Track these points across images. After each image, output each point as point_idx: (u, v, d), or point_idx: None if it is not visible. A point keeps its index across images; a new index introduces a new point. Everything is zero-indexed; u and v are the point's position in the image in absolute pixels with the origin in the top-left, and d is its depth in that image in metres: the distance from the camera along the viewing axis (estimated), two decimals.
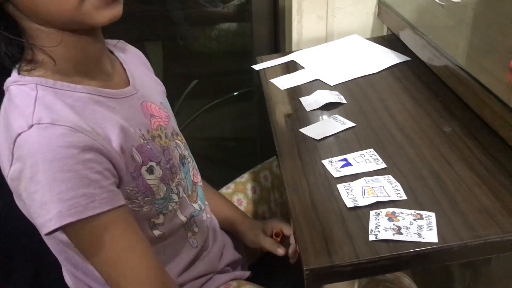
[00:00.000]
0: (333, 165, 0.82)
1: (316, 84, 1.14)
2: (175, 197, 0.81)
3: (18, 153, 0.63)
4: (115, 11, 0.66)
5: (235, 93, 2.20)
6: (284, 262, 0.99)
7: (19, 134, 0.62)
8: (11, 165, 0.64)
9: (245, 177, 1.13)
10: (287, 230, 0.97)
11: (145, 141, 0.75)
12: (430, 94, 1.01)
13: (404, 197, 0.73)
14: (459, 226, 0.66)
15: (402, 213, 0.70)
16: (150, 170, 0.75)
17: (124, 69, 0.80)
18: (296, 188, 0.79)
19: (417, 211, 0.69)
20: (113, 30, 0.72)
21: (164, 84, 0.95)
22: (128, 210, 0.69)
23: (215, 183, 1.09)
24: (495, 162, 0.78)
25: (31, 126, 0.62)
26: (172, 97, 2.27)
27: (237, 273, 0.94)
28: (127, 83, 0.78)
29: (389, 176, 0.77)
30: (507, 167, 0.76)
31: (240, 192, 1.11)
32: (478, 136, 0.84)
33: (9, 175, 0.64)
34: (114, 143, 0.69)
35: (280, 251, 0.95)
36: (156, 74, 0.95)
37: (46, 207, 0.61)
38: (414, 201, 0.72)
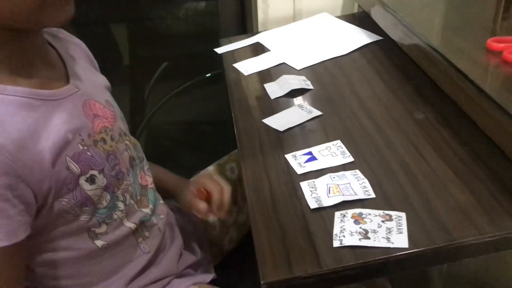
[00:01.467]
0: (297, 160, 0.75)
1: (282, 69, 1.06)
2: (121, 205, 0.73)
3: None
4: (72, 10, 0.62)
5: (206, 75, 2.13)
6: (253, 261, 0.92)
7: None
8: None
9: (210, 170, 1.06)
10: (210, 187, 0.91)
11: (85, 148, 0.67)
12: (402, 77, 0.94)
13: (373, 195, 0.66)
14: (432, 227, 0.60)
15: (369, 214, 0.63)
16: (91, 180, 0.68)
17: (64, 64, 0.71)
18: (256, 188, 0.72)
19: (386, 212, 0.63)
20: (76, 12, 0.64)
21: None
22: (19, 249, 0.62)
23: (187, 167, 1.02)
24: (470, 152, 0.71)
25: None
26: (141, 81, 2.18)
27: (198, 277, 0.87)
28: (67, 80, 0.69)
29: (357, 171, 0.71)
30: (484, 158, 0.70)
31: None
32: (452, 123, 0.78)
33: None
34: (46, 156, 0.61)
35: (200, 206, 0.88)
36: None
37: None
38: (383, 200, 0.66)
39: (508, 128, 0.63)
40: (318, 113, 0.87)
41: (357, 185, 0.68)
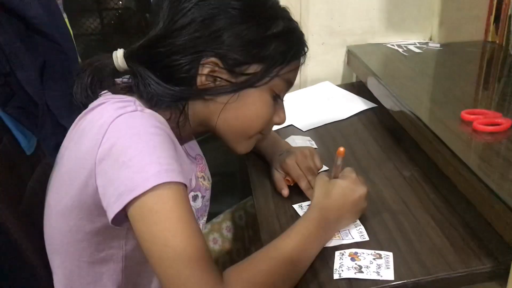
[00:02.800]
0: (302, 209, 0.90)
1: (290, 129, 1.23)
2: None
3: (110, 133, 0.66)
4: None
5: None
6: None
7: (117, 116, 0.67)
8: (99, 147, 0.66)
9: (221, 217, 1.20)
10: (295, 177, 0.95)
11: (198, 177, 0.86)
12: (393, 140, 1.10)
13: (367, 238, 0.80)
14: (413, 264, 0.74)
15: (363, 253, 0.77)
16: (194, 198, 0.84)
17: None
18: (269, 230, 0.86)
19: (377, 251, 0.77)
20: None
21: None
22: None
23: None
24: (447, 205, 0.86)
25: (134, 111, 0.69)
26: None
27: None
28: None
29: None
30: (458, 210, 0.84)
31: (215, 232, 1.17)
32: (434, 180, 0.93)
33: (97, 157, 0.66)
34: (184, 165, 0.79)
35: (284, 192, 0.95)
36: None
37: (144, 169, 0.64)
38: (375, 242, 0.79)
39: (475, 185, 0.77)
40: (322, 168, 1.02)
41: (355, 230, 0.82)
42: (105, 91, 0.78)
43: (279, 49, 0.77)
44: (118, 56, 0.78)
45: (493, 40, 1.48)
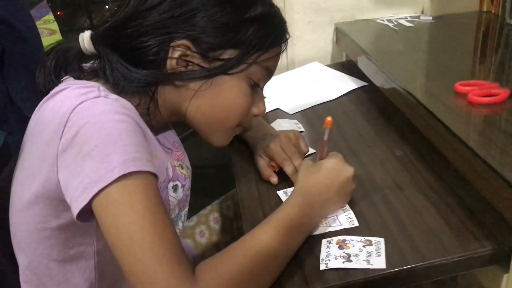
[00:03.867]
0: (287, 195, 0.83)
1: (276, 113, 1.16)
2: (180, 224, 0.83)
3: (73, 121, 0.63)
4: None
5: None
6: None
7: (79, 104, 0.63)
8: (60, 138, 0.63)
9: (208, 208, 1.14)
10: (279, 162, 0.89)
11: (175, 165, 0.81)
12: (384, 118, 1.04)
13: (356, 224, 0.74)
14: (407, 250, 0.68)
15: (352, 240, 0.71)
16: (175, 188, 0.79)
17: None
18: (253, 220, 0.80)
19: (367, 238, 0.71)
20: None
21: None
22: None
23: (195, 208, 1.09)
24: (443, 184, 0.80)
25: (97, 97, 0.65)
26: None
27: None
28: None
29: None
30: (454, 188, 0.78)
31: (202, 224, 1.11)
32: (428, 158, 0.87)
33: (59, 148, 0.63)
34: (158, 147, 0.75)
35: (273, 179, 0.88)
36: None
37: (108, 158, 0.60)
38: (365, 227, 0.73)
39: (472, 161, 0.71)
40: (310, 151, 0.96)
41: (343, 216, 0.76)
42: (67, 77, 0.73)
43: (257, 35, 0.73)
44: (85, 38, 0.74)
45: (488, 10, 1.41)
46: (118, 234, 0.59)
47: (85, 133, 0.62)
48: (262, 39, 0.74)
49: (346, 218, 0.75)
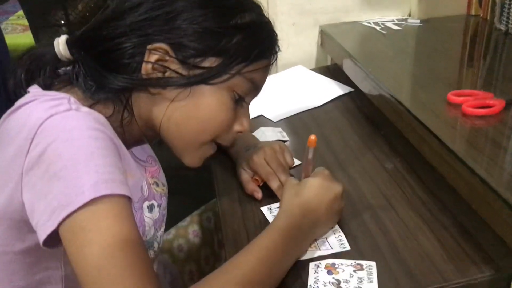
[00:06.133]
0: (272, 213, 0.78)
1: (259, 121, 1.11)
2: (156, 245, 0.77)
3: (40, 137, 0.57)
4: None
5: None
6: None
7: (48, 118, 0.58)
8: (26, 155, 0.58)
9: (187, 220, 1.08)
10: (264, 176, 0.84)
11: (150, 184, 0.76)
12: (372, 127, 1.00)
13: (348, 248, 0.69)
14: (401, 275, 0.63)
15: (342, 264, 0.66)
16: (150, 208, 0.73)
17: None
18: (235, 240, 0.75)
19: (358, 261, 0.66)
20: None
21: None
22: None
23: (173, 214, 1.03)
24: (437, 201, 0.76)
25: (68, 110, 0.60)
26: None
27: None
28: None
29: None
30: (449, 207, 0.74)
31: (181, 237, 1.05)
32: (420, 173, 0.83)
33: (24, 167, 0.58)
34: (132, 164, 0.70)
35: (257, 195, 0.83)
36: None
37: (79, 180, 0.55)
38: (355, 250, 0.69)
39: (468, 179, 0.67)
40: (296, 163, 0.90)
41: (334, 238, 0.71)
42: (33, 86, 0.67)
43: (243, 44, 0.68)
44: (60, 42, 0.69)
45: (476, 14, 1.38)
46: (85, 265, 0.54)
47: (53, 151, 0.56)
48: (247, 49, 0.68)
49: (336, 240, 0.70)
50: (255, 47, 0.69)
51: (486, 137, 0.76)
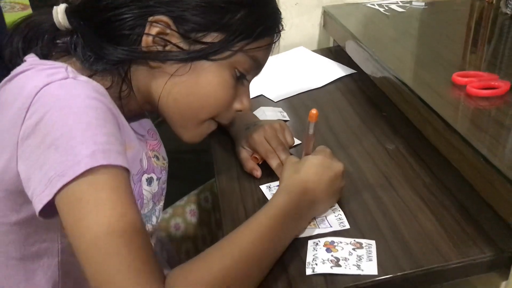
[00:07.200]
0: (271, 191, 0.77)
1: (260, 100, 1.10)
2: (154, 219, 0.77)
3: (36, 105, 0.56)
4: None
5: None
6: None
7: (44, 86, 0.57)
8: (22, 123, 0.56)
9: (185, 199, 1.08)
10: (263, 154, 0.82)
11: (149, 156, 0.75)
12: (374, 109, 0.98)
13: (347, 227, 0.68)
14: (400, 254, 0.63)
15: (341, 242, 0.65)
16: (149, 181, 0.72)
17: None
18: (233, 218, 0.74)
19: (357, 240, 0.65)
20: None
21: None
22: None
23: (172, 197, 1.02)
24: (438, 182, 0.75)
25: (65, 78, 0.58)
26: None
27: None
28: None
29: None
30: (450, 188, 0.73)
31: (178, 216, 1.05)
32: (421, 154, 0.81)
33: (20, 136, 0.57)
34: (132, 135, 0.68)
35: (256, 173, 0.82)
36: None
37: (75, 149, 0.53)
38: (355, 229, 0.68)
39: (472, 159, 0.66)
40: (295, 143, 0.89)
41: (333, 217, 0.70)
42: (30, 55, 0.66)
43: (246, 21, 0.66)
44: (59, 11, 0.67)
45: None
46: (81, 237, 0.53)
47: (50, 119, 0.55)
48: (251, 26, 0.67)
49: (336, 219, 0.69)
50: (258, 24, 0.68)
51: (490, 118, 0.75)
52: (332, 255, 0.63)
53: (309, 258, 0.63)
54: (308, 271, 0.61)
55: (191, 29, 0.65)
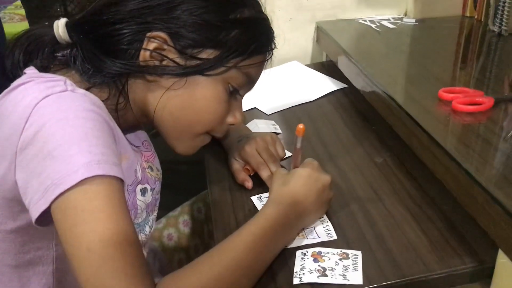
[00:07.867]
0: (261, 202, 0.79)
1: (253, 113, 1.12)
2: (147, 229, 0.78)
3: (34, 117, 0.58)
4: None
5: None
6: None
7: (43, 98, 0.59)
8: (21, 134, 0.58)
9: (178, 210, 1.09)
10: (255, 166, 0.84)
11: (144, 168, 0.76)
12: (364, 122, 1.00)
13: (335, 237, 0.70)
14: (386, 265, 0.64)
15: (328, 252, 0.67)
16: (143, 192, 0.74)
17: None
18: (224, 227, 0.76)
19: (344, 250, 0.67)
20: None
21: None
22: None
23: (165, 208, 1.03)
24: (424, 195, 0.77)
25: (64, 91, 0.60)
26: None
27: None
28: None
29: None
30: (435, 200, 0.75)
31: (171, 227, 1.06)
32: (408, 167, 0.84)
33: (18, 146, 0.58)
34: (127, 146, 0.70)
35: (248, 184, 0.84)
36: None
37: (72, 159, 0.55)
38: (342, 239, 0.70)
39: (455, 173, 0.68)
40: (287, 155, 0.91)
41: (321, 228, 0.72)
42: (29, 68, 0.68)
43: (240, 38, 0.69)
44: (60, 24, 0.70)
45: (471, 15, 1.39)
46: (76, 244, 0.54)
47: (48, 130, 0.57)
48: (244, 44, 0.69)
49: (324, 230, 0.71)
50: (252, 42, 0.70)
51: (474, 133, 0.77)
52: (319, 265, 0.65)
53: (296, 268, 0.65)
54: (296, 281, 0.63)
55: (187, 45, 0.67)
